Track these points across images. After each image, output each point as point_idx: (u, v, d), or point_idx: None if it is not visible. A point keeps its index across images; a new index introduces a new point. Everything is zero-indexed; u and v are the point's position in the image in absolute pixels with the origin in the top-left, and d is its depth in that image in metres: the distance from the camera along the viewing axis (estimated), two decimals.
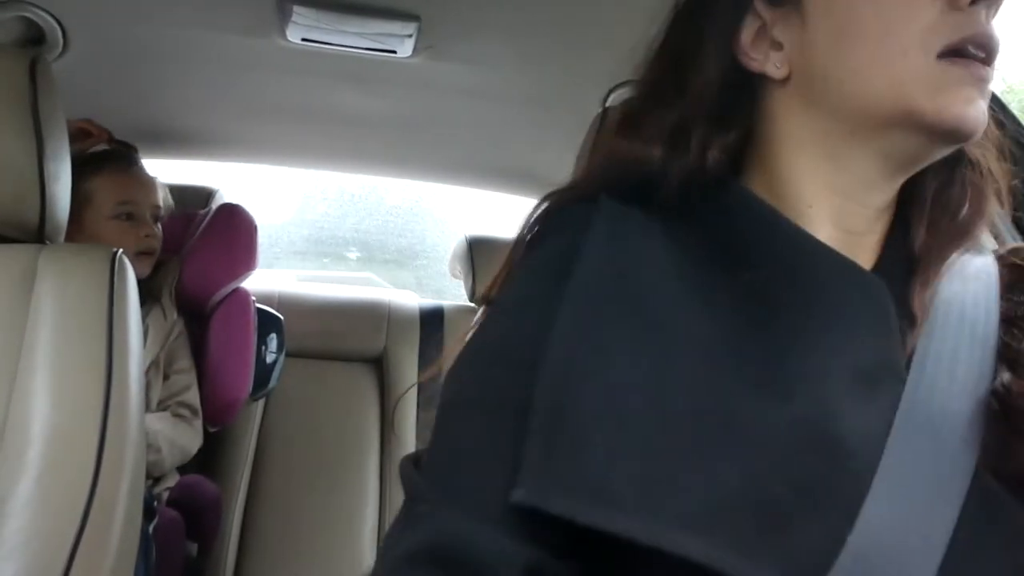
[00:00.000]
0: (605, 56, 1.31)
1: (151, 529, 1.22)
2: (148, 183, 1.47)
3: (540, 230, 0.55)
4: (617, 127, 0.58)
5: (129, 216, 1.42)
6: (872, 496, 0.43)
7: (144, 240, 1.43)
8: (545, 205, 0.57)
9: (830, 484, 0.43)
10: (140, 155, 1.50)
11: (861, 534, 0.42)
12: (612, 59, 1.31)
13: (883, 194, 0.54)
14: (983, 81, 0.50)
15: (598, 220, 0.51)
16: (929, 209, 0.55)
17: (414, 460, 0.50)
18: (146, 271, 1.45)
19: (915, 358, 0.47)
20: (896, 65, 0.49)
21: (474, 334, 0.53)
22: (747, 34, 0.55)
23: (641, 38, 0.61)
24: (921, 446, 0.44)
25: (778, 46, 0.54)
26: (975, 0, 0.49)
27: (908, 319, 0.50)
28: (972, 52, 0.49)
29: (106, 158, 1.43)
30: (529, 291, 0.51)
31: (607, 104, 1.41)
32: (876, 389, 0.46)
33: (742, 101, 0.55)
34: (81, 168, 1.37)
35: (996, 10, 0.50)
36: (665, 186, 0.53)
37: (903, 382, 0.46)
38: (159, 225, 1.48)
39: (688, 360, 0.46)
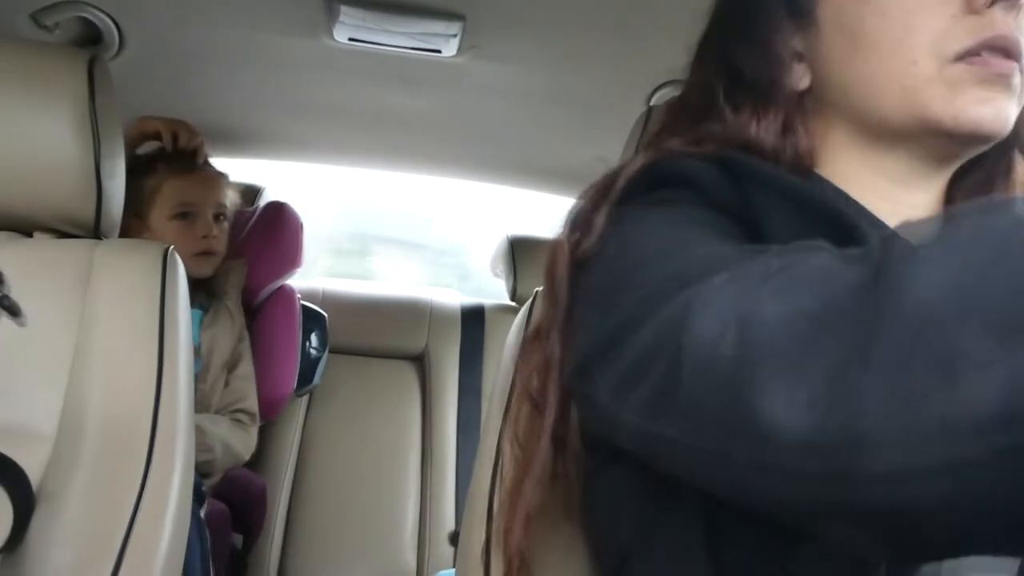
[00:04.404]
0: (649, 56, 1.30)
1: (203, 514, 1.24)
2: (211, 183, 1.47)
3: (668, 171, 0.55)
4: (732, 112, 0.57)
5: (186, 216, 1.42)
6: None
7: (202, 241, 1.42)
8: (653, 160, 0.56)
9: None
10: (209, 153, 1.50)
11: None
12: (656, 59, 1.31)
13: (927, 193, 0.54)
14: (1003, 77, 0.48)
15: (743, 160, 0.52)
16: None
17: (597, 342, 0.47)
18: (207, 271, 1.46)
19: None
20: (907, 74, 0.49)
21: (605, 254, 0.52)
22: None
23: (685, 38, 0.61)
24: None
25: (800, 57, 0.55)
26: (993, 1, 0.47)
27: None
28: (989, 56, 0.48)
29: (170, 159, 1.43)
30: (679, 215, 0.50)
31: (651, 103, 1.41)
32: None
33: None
34: (148, 167, 1.40)
35: (1018, 10, 0.48)
36: (779, 161, 0.54)
37: None
38: (225, 225, 1.48)
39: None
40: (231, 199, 1.53)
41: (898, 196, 0.53)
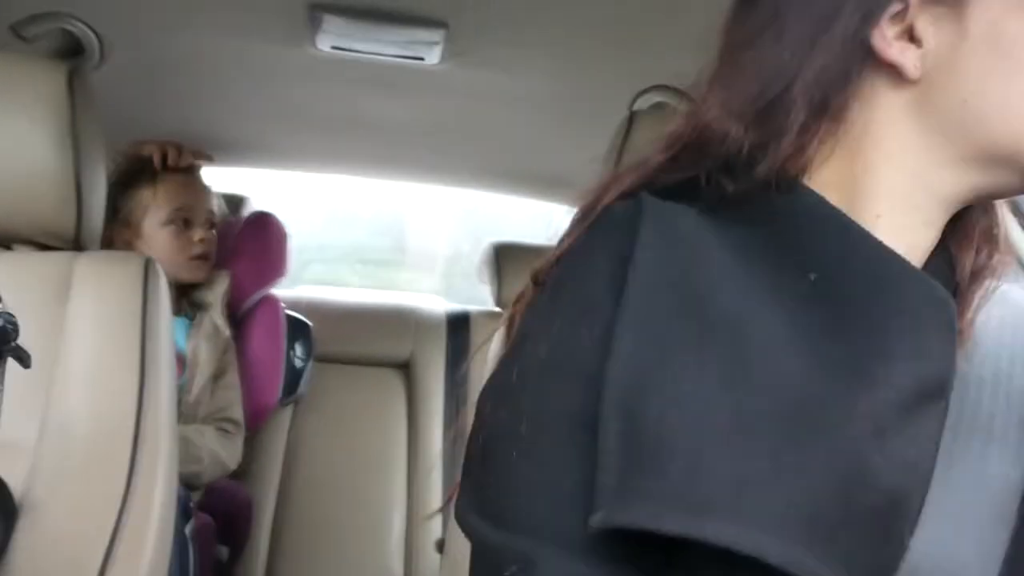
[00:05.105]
0: (632, 61, 1.31)
1: (188, 531, 1.23)
2: (203, 190, 1.50)
3: (586, 233, 0.51)
4: (705, 88, 0.51)
5: (185, 222, 1.44)
6: (928, 511, 0.43)
7: (198, 245, 1.44)
8: (587, 202, 0.52)
9: (904, 492, 0.42)
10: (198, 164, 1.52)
11: (918, 549, 0.42)
12: (639, 64, 1.32)
13: (946, 217, 0.51)
14: None
15: (646, 221, 0.47)
16: (976, 241, 0.53)
17: (476, 507, 0.47)
18: (201, 276, 1.47)
19: (959, 377, 0.46)
20: None
21: (518, 349, 0.49)
22: (887, 15, 0.48)
23: (668, 43, 0.61)
24: (970, 462, 0.44)
25: (917, 42, 0.48)
26: None
27: None
28: None
29: (163, 167, 1.44)
30: (579, 301, 0.47)
31: (634, 108, 1.41)
32: (934, 404, 0.44)
33: (850, 90, 0.49)
34: (139, 177, 1.42)
35: None
36: (744, 173, 0.48)
37: (947, 400, 0.45)
38: (214, 231, 1.50)
39: (762, 359, 0.44)
40: (218, 207, 1.55)
41: (933, 216, 0.50)
